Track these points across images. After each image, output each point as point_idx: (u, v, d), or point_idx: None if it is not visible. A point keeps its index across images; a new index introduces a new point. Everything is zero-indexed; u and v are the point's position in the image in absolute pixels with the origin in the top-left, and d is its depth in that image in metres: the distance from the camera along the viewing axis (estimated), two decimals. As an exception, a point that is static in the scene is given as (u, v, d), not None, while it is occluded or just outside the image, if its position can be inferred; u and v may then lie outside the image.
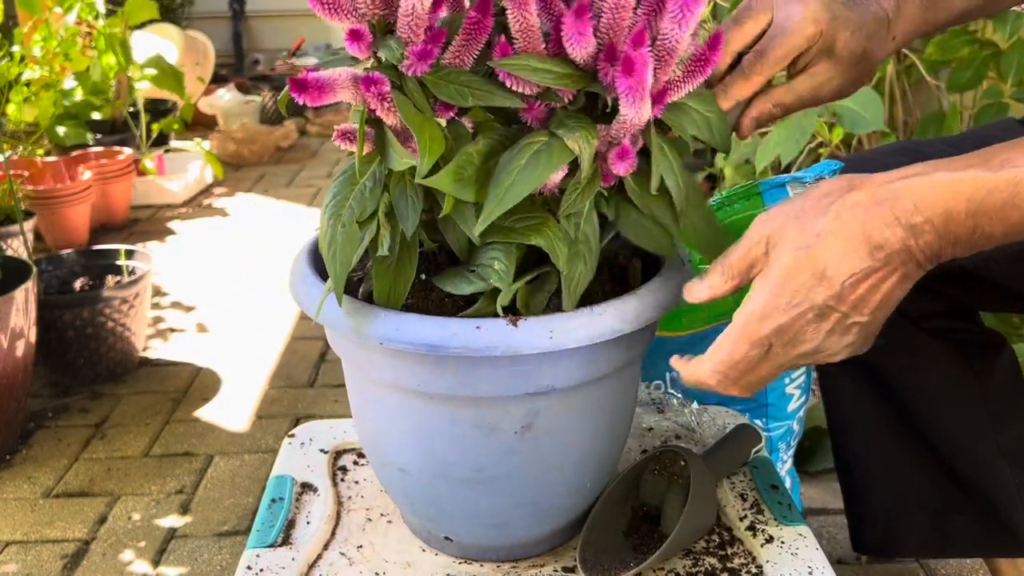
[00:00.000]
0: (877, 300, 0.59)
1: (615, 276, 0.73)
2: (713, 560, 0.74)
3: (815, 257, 0.59)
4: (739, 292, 0.95)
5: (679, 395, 1.03)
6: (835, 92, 0.78)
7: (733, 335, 0.62)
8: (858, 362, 1.03)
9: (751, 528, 0.77)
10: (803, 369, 1.07)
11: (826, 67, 0.76)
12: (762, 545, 0.75)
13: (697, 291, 0.65)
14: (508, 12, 0.57)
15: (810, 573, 0.72)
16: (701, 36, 0.61)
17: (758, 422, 1.06)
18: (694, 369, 0.65)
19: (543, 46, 0.59)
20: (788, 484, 1.12)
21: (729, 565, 0.73)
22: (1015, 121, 1.00)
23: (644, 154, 0.63)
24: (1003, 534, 1.01)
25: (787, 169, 1.69)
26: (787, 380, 1.06)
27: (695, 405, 0.99)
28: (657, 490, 0.78)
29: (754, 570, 0.73)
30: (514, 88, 0.59)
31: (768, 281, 0.60)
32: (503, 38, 0.58)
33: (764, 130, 1.78)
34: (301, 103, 0.55)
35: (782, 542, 0.75)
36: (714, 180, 2.31)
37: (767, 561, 0.73)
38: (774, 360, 0.62)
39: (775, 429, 1.08)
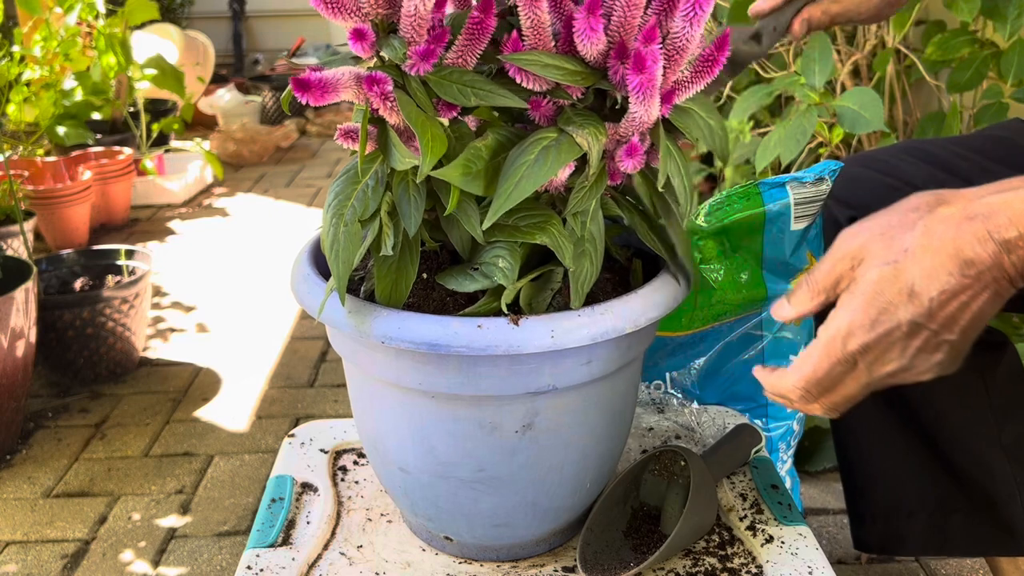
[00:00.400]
0: (968, 318, 0.57)
1: (616, 276, 0.73)
2: (713, 560, 0.74)
3: (902, 273, 0.57)
4: (741, 290, 0.95)
5: (679, 395, 1.03)
6: (873, 13, 0.86)
7: (817, 352, 0.61)
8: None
9: (751, 528, 0.77)
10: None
11: None
12: (762, 545, 0.75)
13: (783, 311, 0.64)
14: (519, 8, 0.57)
15: (810, 573, 0.72)
16: (708, 37, 0.61)
17: (758, 422, 1.06)
18: (776, 381, 0.64)
19: (553, 44, 0.59)
20: (788, 484, 1.12)
21: (729, 565, 0.73)
22: (1022, 122, 1.00)
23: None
24: (1002, 533, 1.01)
25: (787, 169, 1.69)
26: (787, 380, 1.06)
27: (695, 405, 0.99)
28: (657, 490, 0.78)
29: (754, 570, 0.73)
30: (524, 84, 0.59)
31: (854, 297, 0.59)
32: (515, 34, 0.59)
33: (764, 130, 1.78)
34: (304, 102, 0.55)
35: (782, 542, 0.75)
36: (714, 180, 2.31)
37: (767, 561, 0.73)
38: (859, 379, 0.61)
39: (775, 429, 1.08)
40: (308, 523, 0.78)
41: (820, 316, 0.63)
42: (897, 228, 0.58)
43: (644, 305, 0.64)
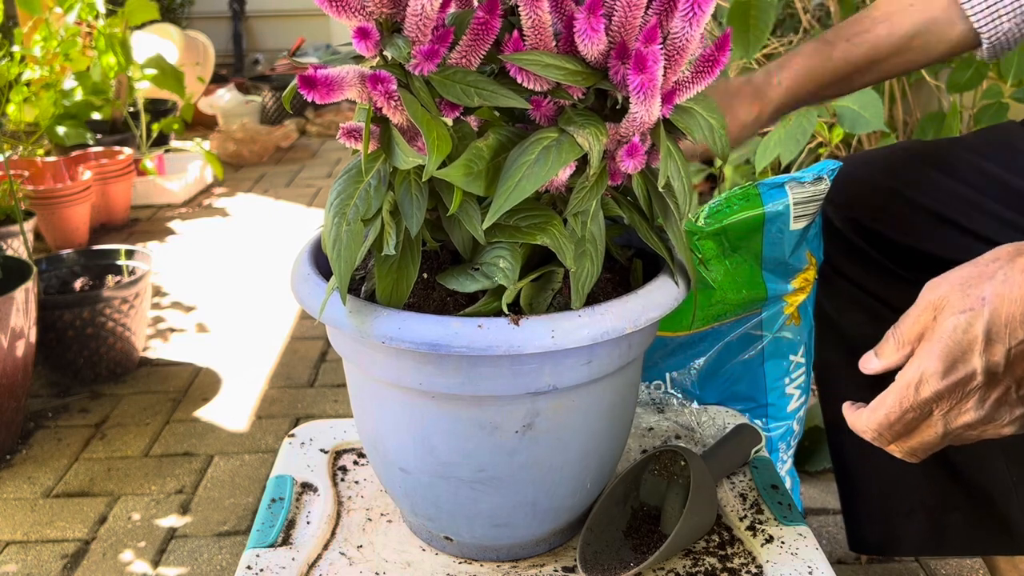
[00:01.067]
0: None
1: (617, 276, 0.73)
2: (713, 560, 0.74)
3: (978, 321, 0.56)
4: (740, 290, 0.95)
5: (679, 395, 1.03)
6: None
7: (891, 397, 0.60)
8: (856, 359, 1.03)
9: (751, 528, 0.77)
10: (803, 369, 1.07)
11: None
12: (762, 545, 0.75)
13: (872, 364, 0.64)
14: (520, 9, 0.57)
15: (810, 573, 0.72)
16: (709, 37, 0.61)
17: (758, 422, 1.06)
18: (854, 419, 0.64)
19: (554, 44, 0.59)
20: (788, 484, 1.12)
21: (729, 565, 0.73)
22: (1018, 124, 1.00)
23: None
24: (999, 532, 1.01)
25: (787, 169, 1.69)
26: (787, 380, 1.06)
27: (695, 405, 0.99)
28: (657, 490, 0.78)
29: (754, 570, 0.73)
30: (524, 84, 0.59)
31: (930, 345, 0.59)
32: (515, 34, 0.59)
33: (765, 129, 1.78)
34: (309, 100, 0.55)
35: (782, 542, 0.75)
36: (714, 180, 2.32)
37: (767, 561, 0.73)
38: (935, 428, 0.60)
39: (775, 429, 1.08)
40: (308, 523, 0.79)
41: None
42: (976, 278, 0.58)
43: (644, 305, 0.64)
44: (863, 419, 0.63)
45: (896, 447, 0.63)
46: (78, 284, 1.99)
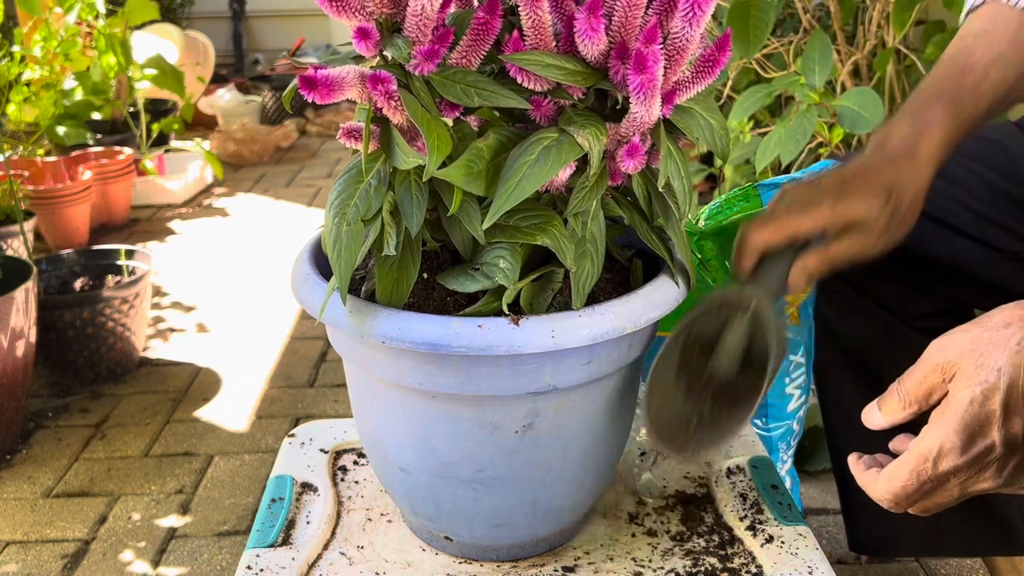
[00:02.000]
0: None
1: (617, 276, 0.73)
2: (713, 560, 0.74)
3: (996, 394, 0.56)
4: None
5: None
6: (875, 247, 0.77)
7: (907, 468, 0.60)
8: (854, 361, 1.03)
9: (751, 528, 0.77)
10: (803, 369, 1.07)
11: (852, 233, 0.76)
12: (762, 545, 0.75)
13: (875, 419, 0.64)
14: (520, 8, 0.57)
15: (810, 573, 0.72)
16: (709, 37, 0.61)
17: (758, 422, 1.06)
18: (867, 482, 0.64)
19: (554, 44, 0.59)
20: (788, 484, 1.12)
21: (729, 565, 0.73)
22: (1012, 125, 1.00)
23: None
24: (998, 532, 1.01)
25: (787, 169, 1.69)
26: (787, 380, 1.06)
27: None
28: (709, 332, 0.73)
29: (754, 570, 0.73)
30: (524, 84, 0.59)
31: (946, 417, 0.58)
32: (515, 34, 0.59)
33: (764, 130, 1.78)
34: (309, 100, 0.55)
35: (782, 542, 0.75)
36: (714, 180, 2.32)
37: (767, 561, 0.73)
38: (951, 493, 0.60)
39: (775, 429, 1.08)
40: (308, 523, 0.79)
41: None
42: (988, 345, 0.57)
43: (644, 305, 0.64)
44: (879, 488, 0.63)
45: (913, 510, 0.63)
46: (78, 284, 1.99)
